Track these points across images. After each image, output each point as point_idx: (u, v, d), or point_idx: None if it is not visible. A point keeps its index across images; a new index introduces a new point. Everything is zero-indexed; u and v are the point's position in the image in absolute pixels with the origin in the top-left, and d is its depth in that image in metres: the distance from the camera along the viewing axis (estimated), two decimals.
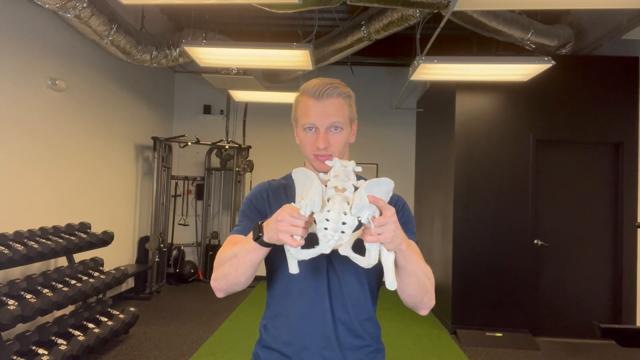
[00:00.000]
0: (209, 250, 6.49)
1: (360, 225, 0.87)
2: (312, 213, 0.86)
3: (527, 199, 4.42)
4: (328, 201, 0.86)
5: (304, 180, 0.91)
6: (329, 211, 0.84)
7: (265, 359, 1.13)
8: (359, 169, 0.91)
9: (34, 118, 3.68)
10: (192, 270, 6.28)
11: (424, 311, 1.08)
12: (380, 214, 0.87)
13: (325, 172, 0.97)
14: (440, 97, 5.34)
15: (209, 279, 6.30)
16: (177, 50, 4.72)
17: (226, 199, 6.81)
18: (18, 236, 3.18)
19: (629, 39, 4.30)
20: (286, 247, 0.90)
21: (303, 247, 0.89)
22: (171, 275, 6.27)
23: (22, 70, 3.54)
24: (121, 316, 3.78)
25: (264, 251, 0.97)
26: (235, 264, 1.01)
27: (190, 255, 6.67)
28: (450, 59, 3.72)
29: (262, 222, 0.96)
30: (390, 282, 0.90)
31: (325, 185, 0.89)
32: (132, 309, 3.98)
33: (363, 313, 1.12)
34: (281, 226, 0.86)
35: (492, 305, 4.41)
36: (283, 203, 1.08)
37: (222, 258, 1.06)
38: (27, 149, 3.61)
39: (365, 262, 0.89)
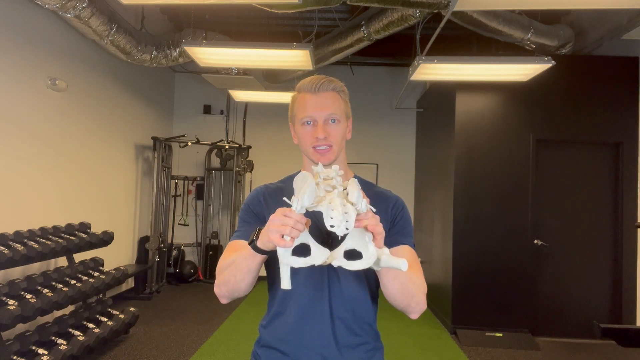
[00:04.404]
0: (209, 250, 6.49)
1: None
2: (307, 217, 0.88)
3: (527, 199, 4.42)
4: (324, 198, 0.89)
5: (302, 182, 0.92)
6: (330, 202, 0.87)
7: (265, 358, 1.14)
8: (341, 172, 0.94)
9: (34, 118, 3.68)
10: (192, 270, 6.28)
11: (414, 315, 1.08)
12: None
13: (322, 164, 1.00)
14: (440, 97, 5.34)
15: (209, 279, 6.33)
16: (177, 50, 4.72)
17: (226, 199, 6.81)
18: (18, 236, 3.18)
19: (629, 39, 4.30)
20: (279, 254, 0.89)
21: (295, 256, 0.89)
22: (171, 275, 6.27)
23: (22, 70, 3.54)
24: (121, 316, 3.78)
25: (259, 258, 0.97)
26: (234, 270, 1.02)
27: (190, 255, 6.67)
28: (450, 59, 3.72)
29: (261, 228, 0.96)
30: (402, 263, 0.89)
31: (317, 185, 0.91)
32: (132, 309, 3.98)
33: (362, 311, 1.13)
34: (272, 225, 0.86)
35: (492, 305, 4.41)
36: (280, 205, 1.09)
37: (223, 265, 1.07)
38: (27, 149, 3.61)
39: (365, 260, 0.89)
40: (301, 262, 0.89)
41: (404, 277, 1.00)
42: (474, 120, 4.56)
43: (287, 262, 0.89)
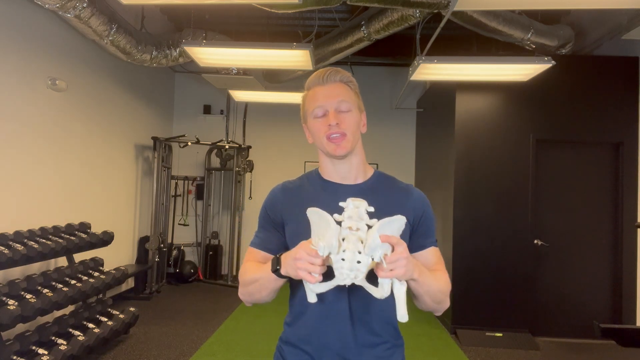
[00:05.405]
0: (209, 250, 6.49)
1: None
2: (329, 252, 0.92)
3: (527, 199, 4.42)
4: (343, 240, 0.91)
5: (319, 220, 0.95)
6: (344, 251, 0.90)
7: (288, 353, 1.17)
8: (371, 209, 0.95)
9: (33, 118, 3.68)
10: (192, 270, 6.28)
11: (438, 314, 1.16)
12: (392, 249, 0.92)
13: (340, 157, 1.09)
14: (440, 97, 5.34)
15: (209, 279, 6.34)
16: (177, 50, 4.72)
17: (226, 199, 6.81)
18: (18, 236, 3.18)
19: (629, 39, 4.30)
20: (306, 285, 0.97)
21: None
22: (171, 275, 6.27)
23: (22, 70, 3.54)
24: (121, 316, 3.78)
25: (283, 280, 1.04)
26: (258, 288, 1.10)
27: (190, 255, 6.67)
28: (450, 59, 3.72)
29: (280, 255, 1.02)
30: (402, 315, 0.94)
31: (339, 224, 0.93)
32: (132, 309, 3.98)
33: (382, 311, 1.13)
34: (300, 264, 0.92)
35: (492, 305, 4.41)
36: (297, 207, 1.12)
37: (246, 279, 1.13)
38: (27, 149, 3.61)
39: (379, 293, 0.94)
40: (328, 285, 0.95)
41: (434, 290, 1.06)
42: (474, 120, 4.56)
43: (315, 290, 0.96)
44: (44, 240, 3.30)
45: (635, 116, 4.37)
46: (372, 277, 0.95)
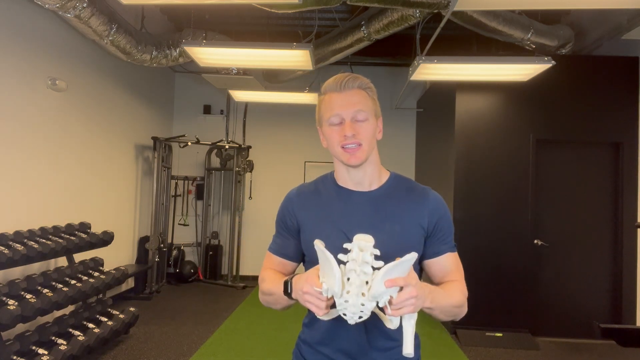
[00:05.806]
0: (209, 250, 6.49)
1: None
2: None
3: (527, 199, 4.42)
4: (348, 280, 0.89)
5: (324, 261, 0.92)
6: (348, 292, 0.89)
7: (307, 352, 1.20)
8: (377, 251, 0.92)
9: (34, 118, 3.68)
10: (192, 270, 6.28)
11: (457, 319, 1.17)
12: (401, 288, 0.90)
13: (355, 167, 1.08)
14: (440, 97, 5.34)
15: (209, 279, 6.34)
16: (177, 50, 4.72)
17: (226, 199, 6.81)
18: (18, 236, 3.18)
19: (629, 39, 4.30)
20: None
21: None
22: (171, 275, 6.27)
23: (22, 70, 3.54)
24: (121, 316, 3.78)
25: (295, 300, 1.06)
26: (273, 301, 1.15)
27: (190, 255, 6.67)
28: (450, 59, 3.72)
29: (292, 279, 1.04)
30: (408, 352, 0.93)
31: (345, 263, 0.92)
32: (132, 309, 3.98)
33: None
34: (307, 297, 0.95)
35: (492, 305, 4.41)
36: (312, 213, 1.16)
37: (263, 289, 1.18)
38: (27, 149, 3.61)
39: (388, 324, 0.96)
40: (334, 313, 0.97)
41: (448, 307, 1.07)
42: (474, 120, 4.56)
43: (323, 319, 0.99)
44: (44, 240, 3.31)
45: (635, 116, 4.37)
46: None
